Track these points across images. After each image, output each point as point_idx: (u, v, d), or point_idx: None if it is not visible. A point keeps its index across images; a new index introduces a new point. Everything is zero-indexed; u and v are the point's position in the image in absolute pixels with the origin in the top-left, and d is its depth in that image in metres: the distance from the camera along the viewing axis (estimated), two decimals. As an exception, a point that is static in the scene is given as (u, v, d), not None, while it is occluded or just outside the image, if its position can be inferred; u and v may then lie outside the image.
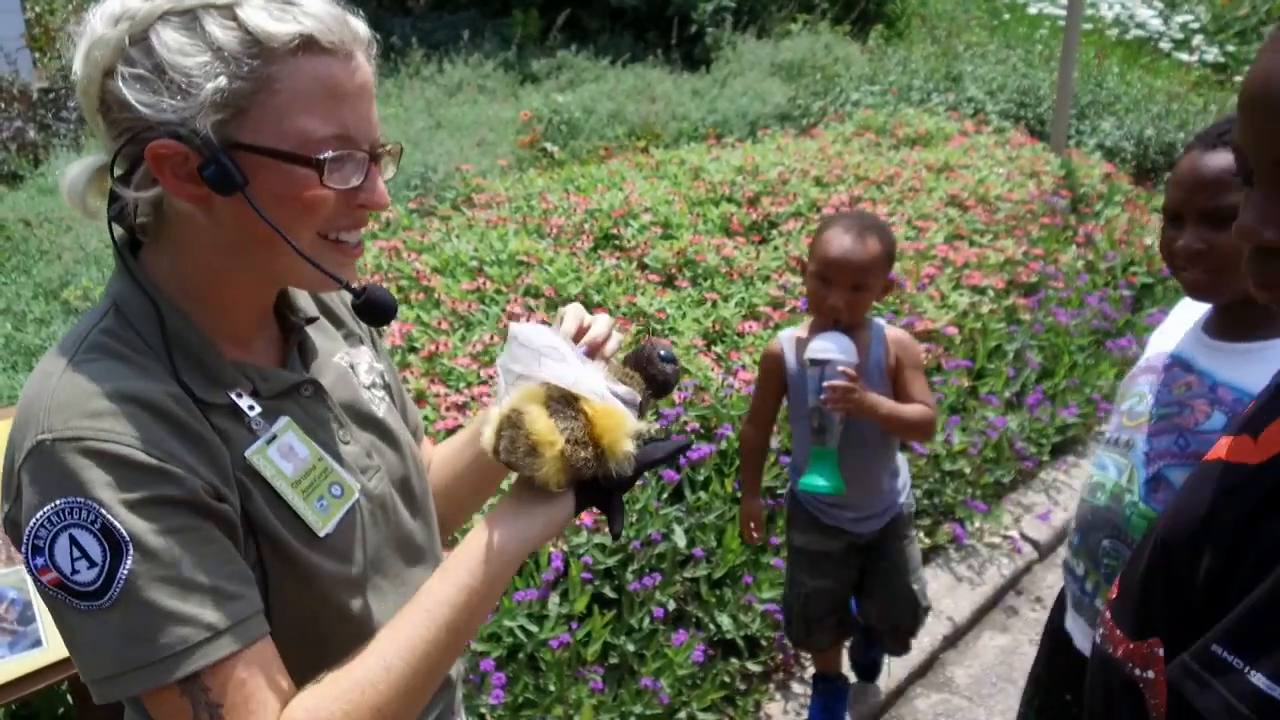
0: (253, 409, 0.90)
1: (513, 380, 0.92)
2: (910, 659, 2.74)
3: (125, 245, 0.91)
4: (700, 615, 2.59)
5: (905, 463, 2.31)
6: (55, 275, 3.89)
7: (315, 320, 1.03)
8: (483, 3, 8.70)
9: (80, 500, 0.78)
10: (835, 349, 1.96)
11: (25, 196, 4.80)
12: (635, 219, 4.23)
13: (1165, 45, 9.06)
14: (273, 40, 0.81)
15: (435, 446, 1.25)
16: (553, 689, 2.23)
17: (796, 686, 2.62)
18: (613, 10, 8.38)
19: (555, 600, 2.38)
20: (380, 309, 0.93)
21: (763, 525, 2.30)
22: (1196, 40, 8.99)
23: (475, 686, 2.17)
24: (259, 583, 0.86)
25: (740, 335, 3.45)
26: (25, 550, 0.79)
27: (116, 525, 0.78)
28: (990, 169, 5.21)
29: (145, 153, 0.82)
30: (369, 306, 0.92)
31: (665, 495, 2.70)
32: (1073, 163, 5.60)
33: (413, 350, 3.19)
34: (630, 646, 2.40)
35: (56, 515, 0.78)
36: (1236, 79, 8.29)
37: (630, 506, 2.60)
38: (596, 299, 3.58)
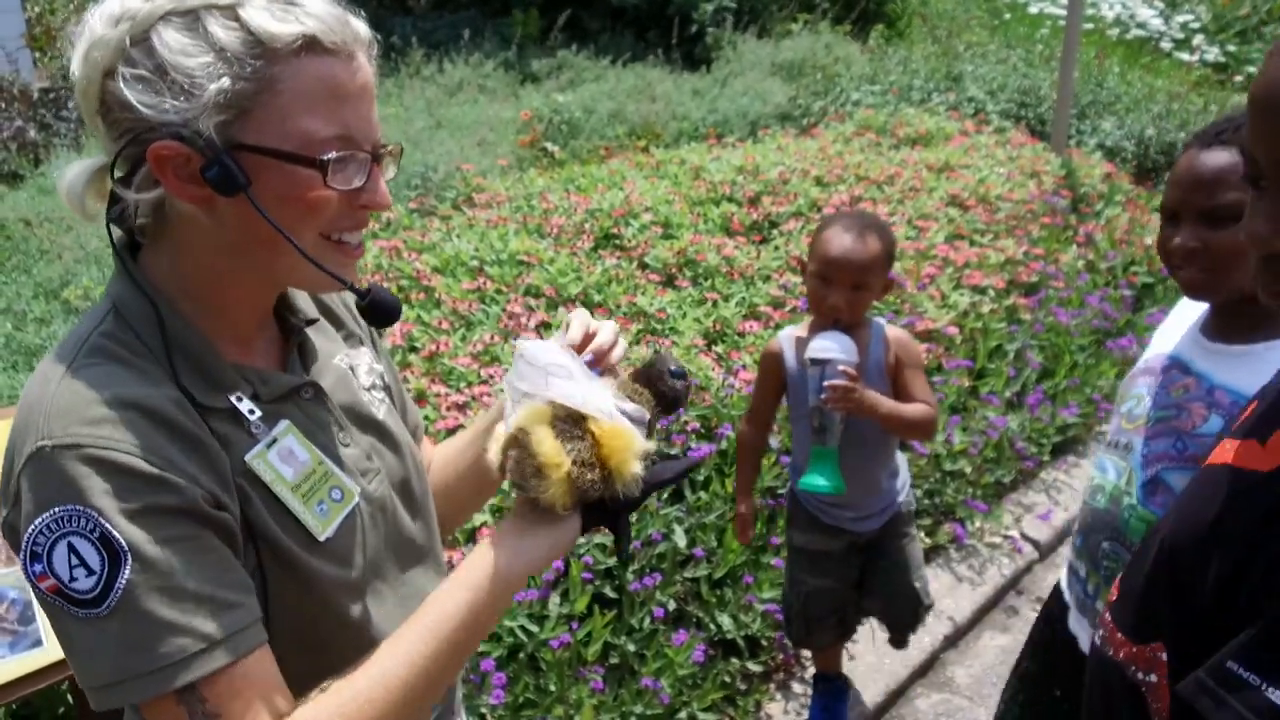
0: (253, 413, 0.89)
1: (519, 398, 0.91)
2: (911, 659, 2.73)
3: (124, 247, 0.91)
4: (701, 615, 2.59)
5: (905, 462, 2.31)
6: (56, 275, 3.89)
7: (315, 322, 1.03)
8: (483, 2, 8.69)
9: (79, 508, 0.77)
10: (836, 348, 1.96)
11: (26, 196, 4.80)
12: (636, 219, 4.23)
13: (1166, 45, 9.06)
14: (275, 41, 0.81)
15: (436, 446, 1.25)
16: (553, 689, 2.23)
17: (797, 686, 2.62)
18: (613, 10, 8.38)
19: (556, 600, 2.38)
20: (385, 310, 0.92)
21: (754, 525, 2.30)
22: (1197, 40, 8.99)
23: (475, 686, 2.17)
24: (258, 588, 0.86)
25: (741, 335, 3.45)
26: (24, 556, 0.79)
27: (115, 535, 0.77)
28: (991, 169, 5.21)
29: (147, 154, 0.82)
30: (374, 308, 0.92)
31: (666, 495, 2.70)
32: (1073, 162, 5.60)
33: (413, 350, 3.19)
34: (631, 646, 2.40)
35: (55, 523, 0.77)
36: (1237, 79, 8.29)
37: (631, 506, 2.60)
38: (597, 299, 3.58)
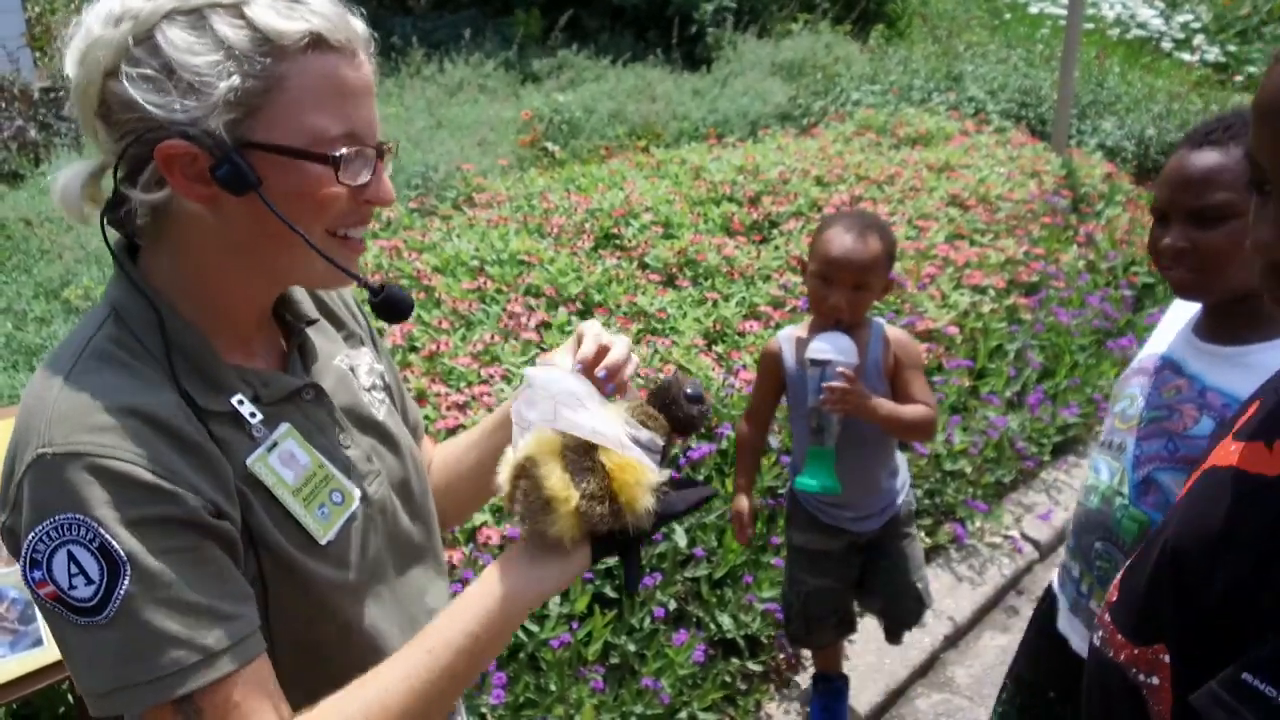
0: (254, 416, 0.89)
1: (528, 425, 0.89)
2: (911, 659, 2.73)
3: (122, 249, 0.90)
4: (701, 615, 2.59)
5: (905, 462, 2.31)
6: (56, 274, 3.88)
7: (315, 322, 1.02)
8: (484, 2, 8.69)
9: (79, 517, 0.77)
10: (835, 350, 1.96)
11: (26, 196, 4.80)
12: (636, 218, 4.23)
13: (1166, 45, 9.05)
14: (284, 39, 0.81)
15: (438, 445, 1.24)
16: (553, 689, 2.23)
17: (797, 686, 2.62)
18: (614, 10, 8.38)
19: (556, 600, 2.38)
20: (398, 307, 0.93)
21: (753, 524, 2.29)
22: (1198, 40, 8.99)
23: (476, 686, 2.17)
24: (258, 596, 0.86)
25: (741, 335, 3.45)
26: (24, 563, 0.79)
27: (114, 545, 0.77)
28: (991, 168, 5.20)
29: (155, 154, 0.82)
30: (387, 304, 0.92)
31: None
32: (1074, 162, 5.60)
33: (413, 349, 3.18)
34: (631, 646, 2.40)
35: (55, 530, 0.77)
36: (1237, 79, 8.29)
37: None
38: (597, 298, 3.57)
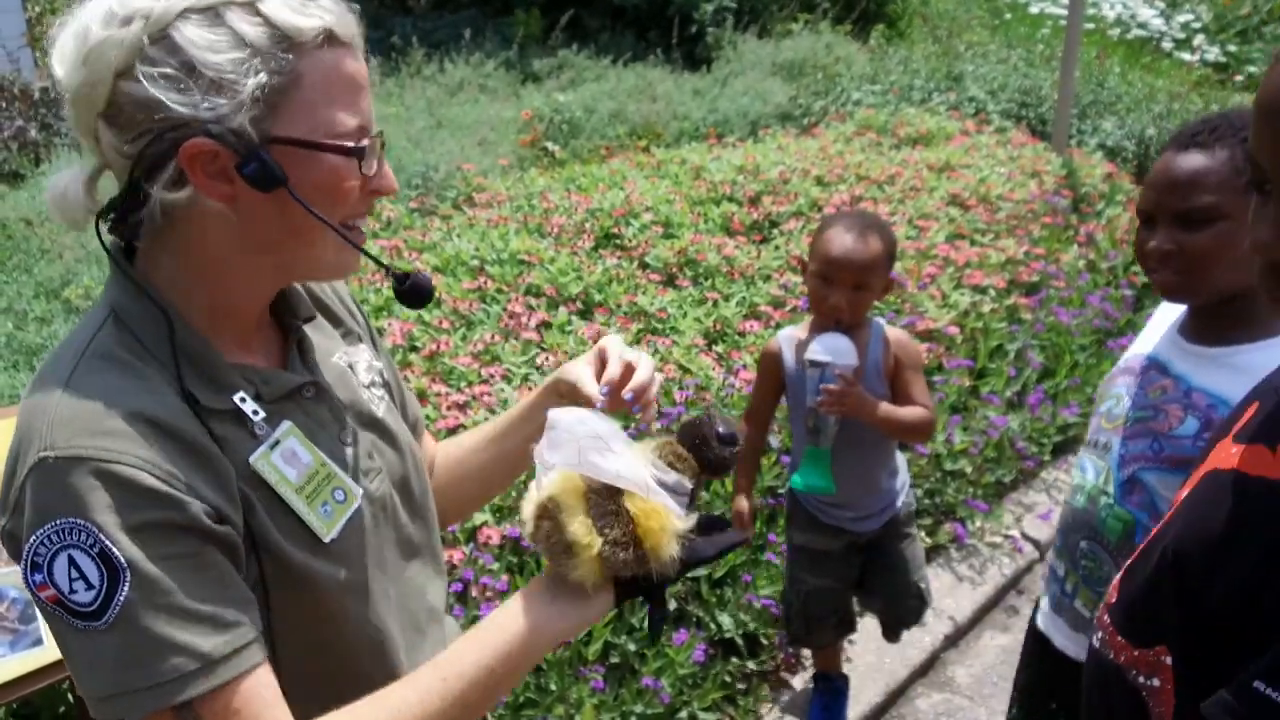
0: (257, 413, 0.89)
1: (551, 467, 0.88)
2: (911, 658, 2.73)
3: (119, 251, 0.90)
4: (701, 615, 2.59)
5: (904, 462, 2.31)
6: (57, 274, 3.88)
7: (313, 319, 1.02)
8: (484, 2, 8.68)
9: (80, 522, 0.77)
10: (834, 352, 1.95)
11: (27, 195, 4.79)
12: (636, 218, 4.22)
13: (1167, 45, 9.05)
14: (301, 35, 0.83)
15: (443, 442, 1.24)
16: (554, 688, 2.23)
17: (797, 686, 2.62)
18: (614, 10, 8.38)
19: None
20: (424, 293, 0.96)
21: (753, 523, 2.30)
22: (1198, 40, 8.99)
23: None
24: (260, 600, 0.85)
25: (741, 335, 3.45)
26: (25, 566, 0.78)
27: (115, 552, 0.77)
28: (991, 168, 5.20)
29: (180, 153, 0.81)
30: (414, 291, 0.95)
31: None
32: (1074, 162, 5.59)
33: (414, 349, 3.18)
34: (631, 646, 2.40)
35: (56, 534, 0.77)
36: (1238, 79, 8.29)
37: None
38: (597, 298, 3.58)
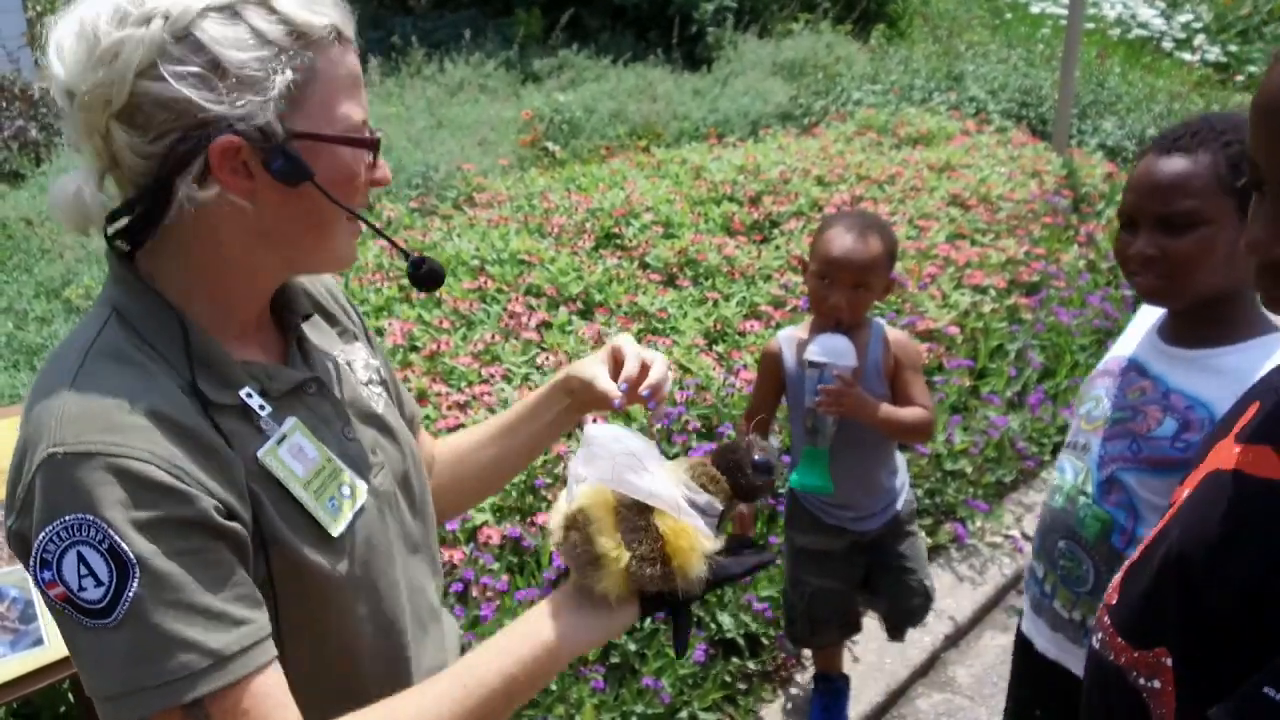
0: (263, 408, 0.89)
1: (582, 480, 0.89)
2: (911, 658, 2.73)
3: (119, 251, 0.89)
4: (701, 614, 2.59)
5: (904, 462, 2.31)
6: (57, 274, 3.88)
7: (311, 317, 1.03)
8: (484, 2, 8.68)
9: (89, 518, 0.76)
10: (833, 352, 1.95)
11: (27, 195, 4.80)
12: (637, 218, 4.23)
13: (1167, 45, 9.05)
14: (314, 31, 0.84)
15: (446, 439, 1.25)
16: (554, 688, 2.23)
17: (797, 686, 2.62)
18: (614, 9, 8.38)
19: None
20: (438, 277, 0.99)
21: (754, 524, 2.29)
22: (1199, 40, 8.99)
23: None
24: (268, 599, 0.85)
25: (741, 334, 3.45)
26: (33, 563, 0.78)
27: (124, 547, 0.76)
28: (992, 168, 5.20)
29: (210, 150, 0.81)
30: (430, 275, 0.98)
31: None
32: (1074, 162, 5.59)
33: (414, 349, 3.18)
34: (631, 646, 2.40)
35: (65, 531, 0.76)
36: (1238, 79, 8.29)
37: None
38: (598, 298, 3.58)
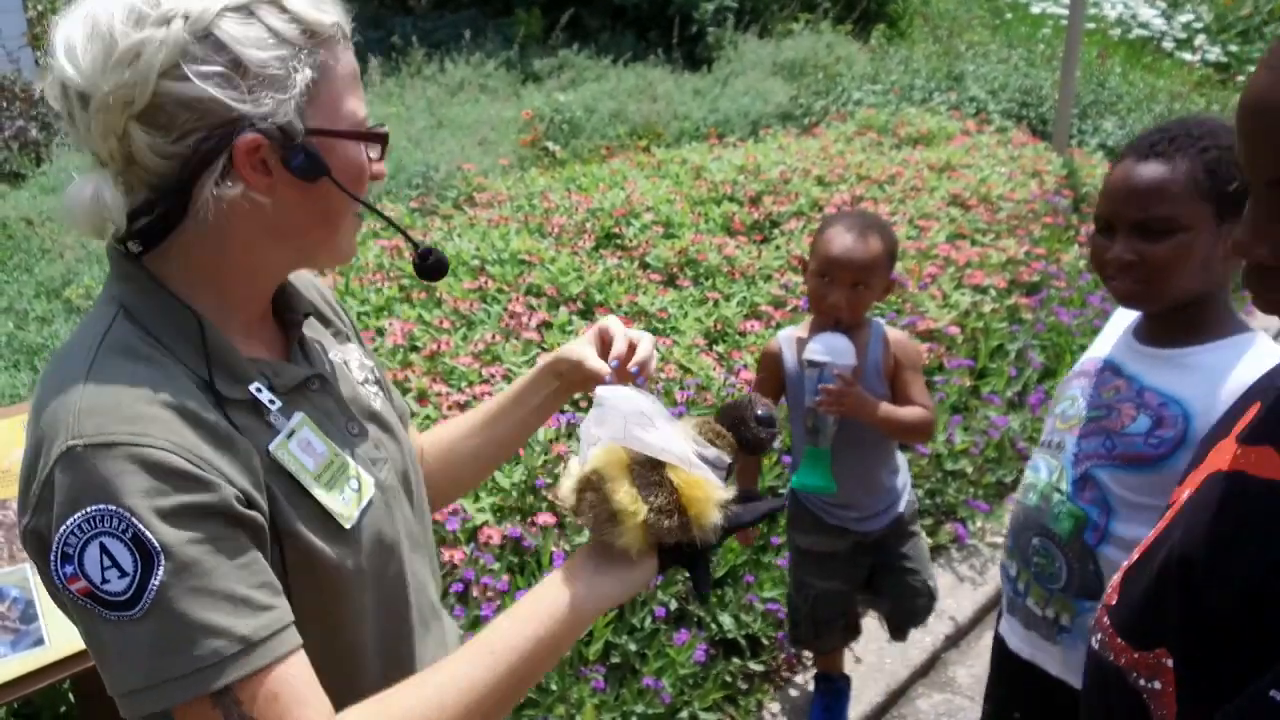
0: (273, 403, 0.89)
1: (595, 441, 0.91)
2: (912, 658, 2.73)
3: (125, 250, 0.89)
4: (702, 615, 2.58)
5: (905, 462, 2.31)
6: (57, 274, 3.88)
7: (309, 315, 1.03)
8: (484, 2, 8.69)
9: (111, 508, 0.75)
10: (833, 351, 1.95)
11: (28, 195, 4.80)
12: (637, 218, 4.22)
13: (1168, 45, 9.06)
14: (323, 30, 0.85)
15: (429, 431, 1.26)
16: (554, 688, 2.23)
17: (797, 686, 2.62)
18: (614, 9, 8.38)
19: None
20: (443, 267, 1.02)
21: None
22: (1199, 40, 8.99)
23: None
24: (283, 590, 0.85)
25: (742, 334, 3.44)
26: (54, 558, 0.77)
27: (148, 535, 0.75)
28: (992, 168, 5.20)
29: (235, 148, 0.82)
30: (437, 265, 1.00)
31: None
32: (1075, 162, 5.60)
33: (414, 349, 3.18)
34: (632, 646, 2.40)
35: (87, 523, 0.75)
36: (1239, 79, 8.29)
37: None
38: (598, 298, 3.57)
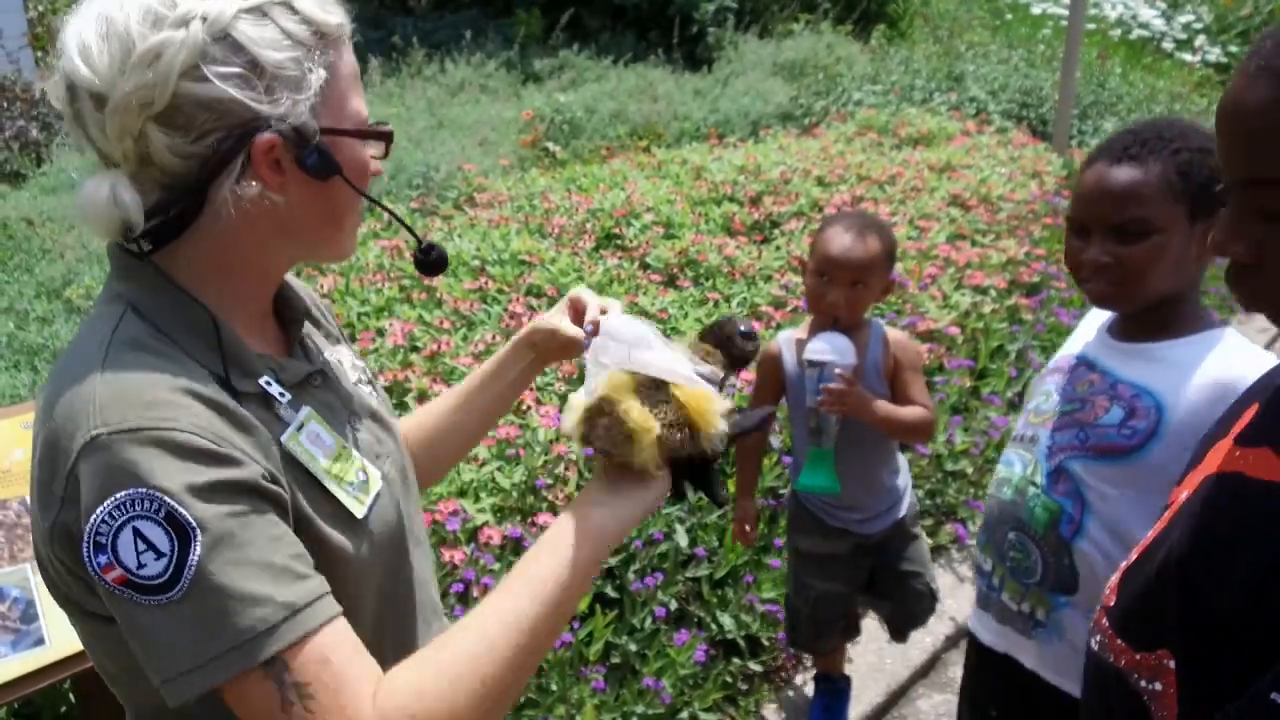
0: (283, 395, 0.90)
1: (602, 369, 0.95)
2: (912, 659, 2.73)
3: (120, 249, 0.89)
4: (702, 615, 2.59)
5: (905, 462, 2.31)
6: (58, 274, 3.88)
7: (309, 313, 1.04)
8: (485, 2, 8.70)
9: (142, 491, 0.75)
10: (833, 350, 1.95)
11: (28, 195, 4.80)
12: (637, 219, 4.23)
13: (1168, 45, 9.06)
14: (331, 30, 0.87)
15: (409, 415, 1.27)
16: (555, 688, 2.23)
17: (797, 686, 2.62)
18: (615, 10, 8.39)
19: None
20: (444, 263, 1.05)
21: (757, 526, 2.29)
22: (1199, 40, 9.00)
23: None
24: None
25: (742, 335, 3.44)
26: (86, 550, 0.76)
27: (182, 512, 0.75)
28: (992, 169, 5.20)
29: (253, 148, 0.83)
30: (438, 260, 1.04)
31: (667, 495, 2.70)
32: (1075, 163, 5.60)
33: (415, 349, 3.19)
34: (632, 646, 2.40)
35: (118, 509, 0.75)
36: (1239, 79, 8.29)
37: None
38: (598, 298, 3.58)
